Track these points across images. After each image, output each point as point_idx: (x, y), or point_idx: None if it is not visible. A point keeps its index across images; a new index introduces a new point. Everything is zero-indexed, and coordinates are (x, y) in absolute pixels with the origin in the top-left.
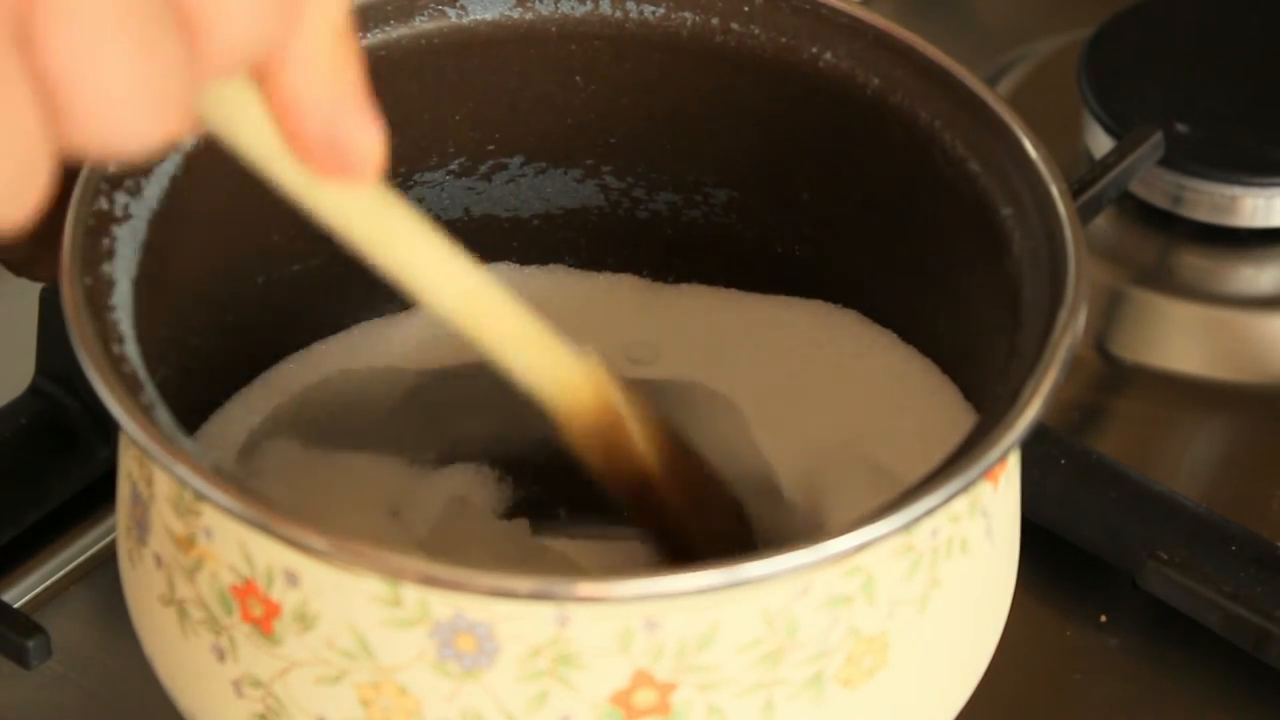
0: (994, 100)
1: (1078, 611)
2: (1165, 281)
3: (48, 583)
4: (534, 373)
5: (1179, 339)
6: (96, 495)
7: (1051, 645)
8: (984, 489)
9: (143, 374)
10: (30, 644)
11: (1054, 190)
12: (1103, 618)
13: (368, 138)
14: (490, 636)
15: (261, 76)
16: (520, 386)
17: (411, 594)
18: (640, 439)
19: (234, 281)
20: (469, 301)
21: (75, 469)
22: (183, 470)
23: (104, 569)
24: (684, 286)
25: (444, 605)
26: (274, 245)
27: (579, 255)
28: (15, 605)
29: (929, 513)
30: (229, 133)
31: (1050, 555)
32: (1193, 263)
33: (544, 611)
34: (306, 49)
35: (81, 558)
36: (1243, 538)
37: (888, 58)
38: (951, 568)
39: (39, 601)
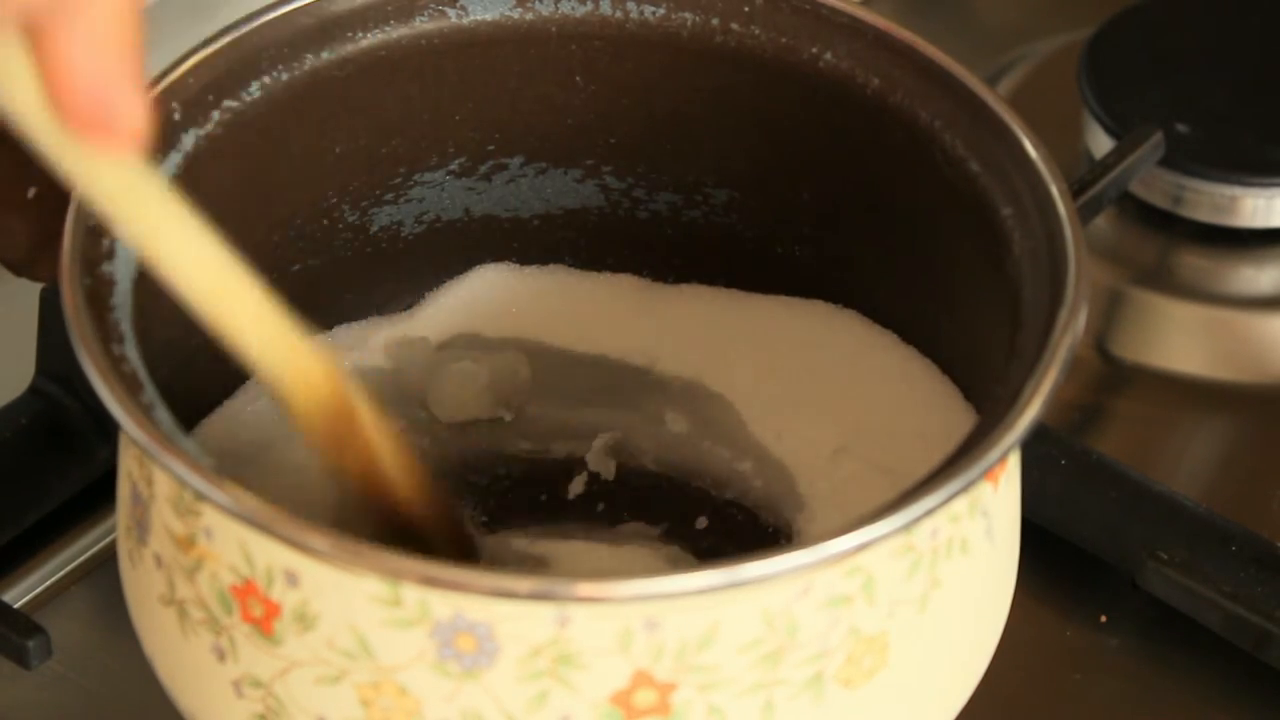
0: (994, 100)
1: (1078, 611)
2: (1165, 282)
3: (48, 583)
4: (271, 361)
5: (1179, 339)
6: (96, 495)
7: (1051, 645)
8: (984, 489)
9: (143, 374)
10: (30, 644)
11: (1054, 190)
12: (1103, 618)
13: (133, 108)
14: (490, 636)
15: (36, 33)
16: (256, 374)
17: (411, 594)
18: (369, 437)
19: None
20: (212, 285)
21: (75, 469)
22: (183, 470)
23: (104, 569)
24: (684, 287)
25: (444, 605)
26: (274, 246)
27: (579, 255)
28: (15, 605)
29: (929, 513)
30: None
31: (1050, 555)
32: (1193, 263)
33: (544, 612)
34: (88, 16)
35: (81, 558)
36: (1243, 538)
37: (888, 58)
38: (952, 568)
39: (39, 601)
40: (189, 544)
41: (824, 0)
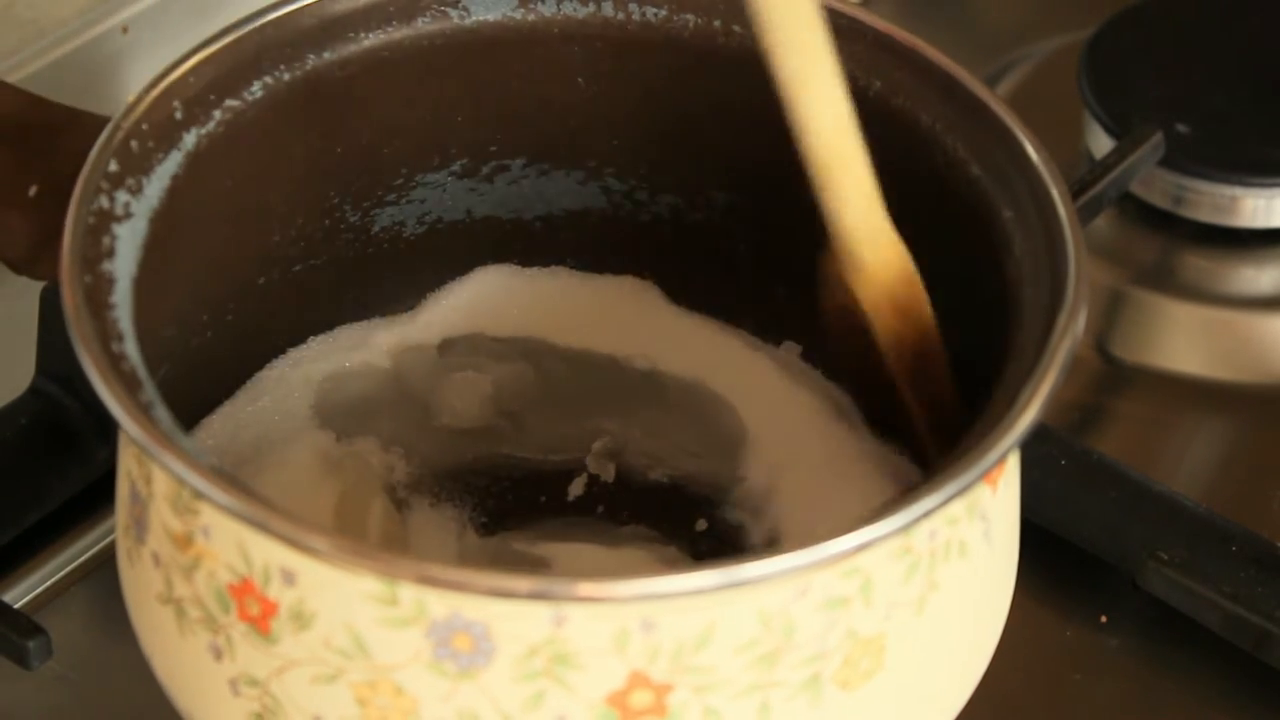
0: (995, 103)
1: (1078, 611)
2: (1166, 282)
3: (48, 583)
4: (855, 219)
5: (1179, 339)
6: (96, 495)
7: (1051, 645)
8: (983, 492)
9: (142, 372)
10: (30, 644)
11: (1054, 193)
12: (1103, 618)
13: None
14: (487, 636)
15: None
16: (831, 225)
17: (408, 593)
18: (921, 306)
19: (235, 281)
20: (834, 137)
21: (75, 469)
22: (181, 468)
23: (104, 569)
24: (686, 288)
25: (440, 605)
26: (275, 245)
27: (581, 257)
28: (15, 605)
29: (926, 515)
30: None
31: (1050, 555)
32: (1193, 263)
33: (540, 612)
34: None
35: (82, 558)
36: (1243, 538)
37: (889, 60)
38: (949, 570)
39: (39, 602)
40: (187, 542)
41: (825, 3)
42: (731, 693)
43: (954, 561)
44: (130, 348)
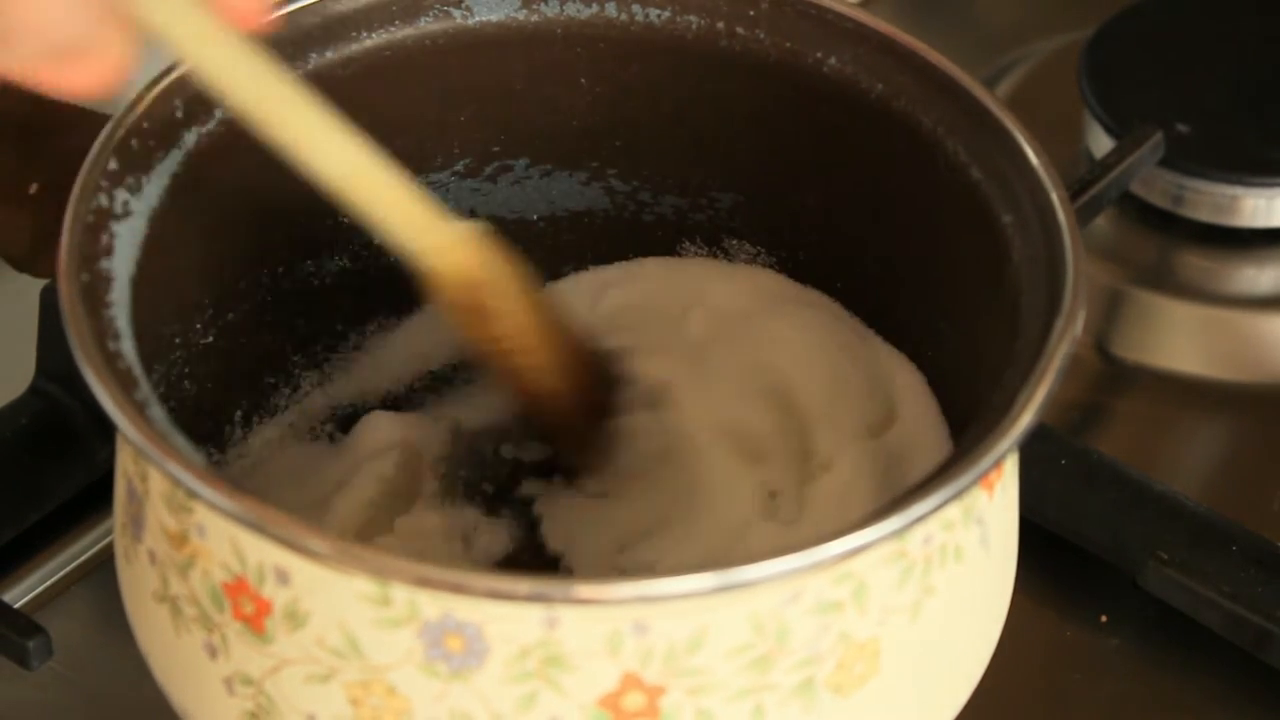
0: (997, 107)
1: (1078, 611)
2: (1165, 282)
3: (48, 583)
4: (407, 234)
5: (1179, 339)
6: (96, 496)
7: (1051, 645)
8: (979, 496)
9: (138, 370)
10: (30, 644)
11: (1054, 198)
12: (1103, 618)
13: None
14: (479, 637)
15: None
16: (395, 248)
17: (401, 594)
18: (507, 306)
19: (236, 280)
20: (350, 167)
21: (75, 469)
22: (174, 468)
23: (104, 569)
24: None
25: (433, 605)
26: (277, 245)
27: (584, 258)
28: (15, 605)
29: (920, 519)
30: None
31: (1050, 555)
32: (1193, 263)
33: (533, 613)
34: None
35: (82, 558)
36: (1243, 538)
37: (891, 63)
38: (945, 575)
39: (39, 602)
40: (182, 541)
41: (828, 5)
42: (724, 696)
43: (950, 566)
44: (127, 346)
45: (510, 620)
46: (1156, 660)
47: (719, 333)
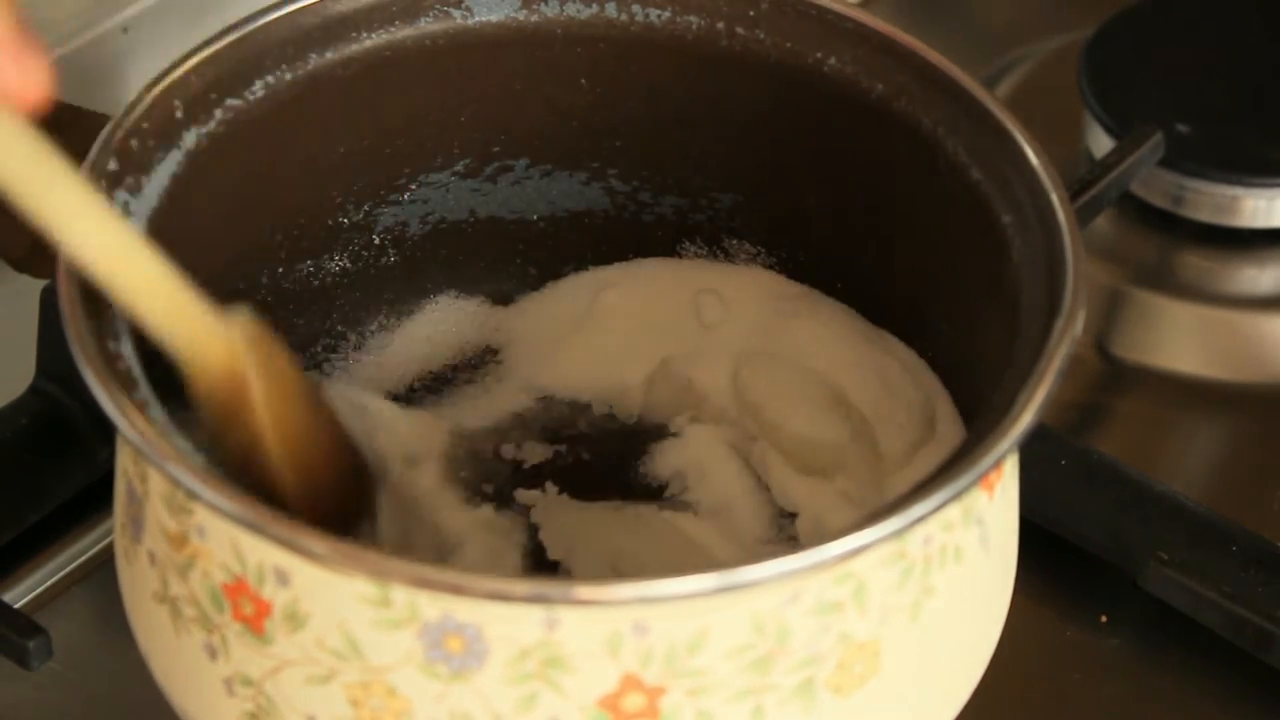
0: (997, 107)
1: (1078, 612)
2: (1166, 282)
3: (48, 583)
4: (166, 327)
5: (1179, 339)
6: (97, 496)
7: (1051, 645)
8: (979, 497)
9: (138, 371)
10: (31, 645)
11: (1054, 198)
12: (1103, 618)
13: (31, 71)
14: (479, 638)
15: None
16: (153, 338)
17: (400, 595)
18: (262, 405)
19: (235, 281)
20: (109, 252)
21: (75, 469)
22: (174, 468)
23: (104, 570)
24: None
25: (432, 606)
26: (277, 245)
27: (584, 258)
28: (16, 606)
29: (920, 520)
30: None
31: (1050, 555)
32: (1193, 263)
33: (533, 614)
34: None
35: (82, 559)
36: (1243, 538)
37: (892, 63)
38: (945, 576)
39: (39, 602)
40: (182, 541)
41: (828, 5)
42: (724, 696)
43: (949, 567)
44: (127, 346)
45: (510, 621)
46: (1156, 660)
47: (745, 338)
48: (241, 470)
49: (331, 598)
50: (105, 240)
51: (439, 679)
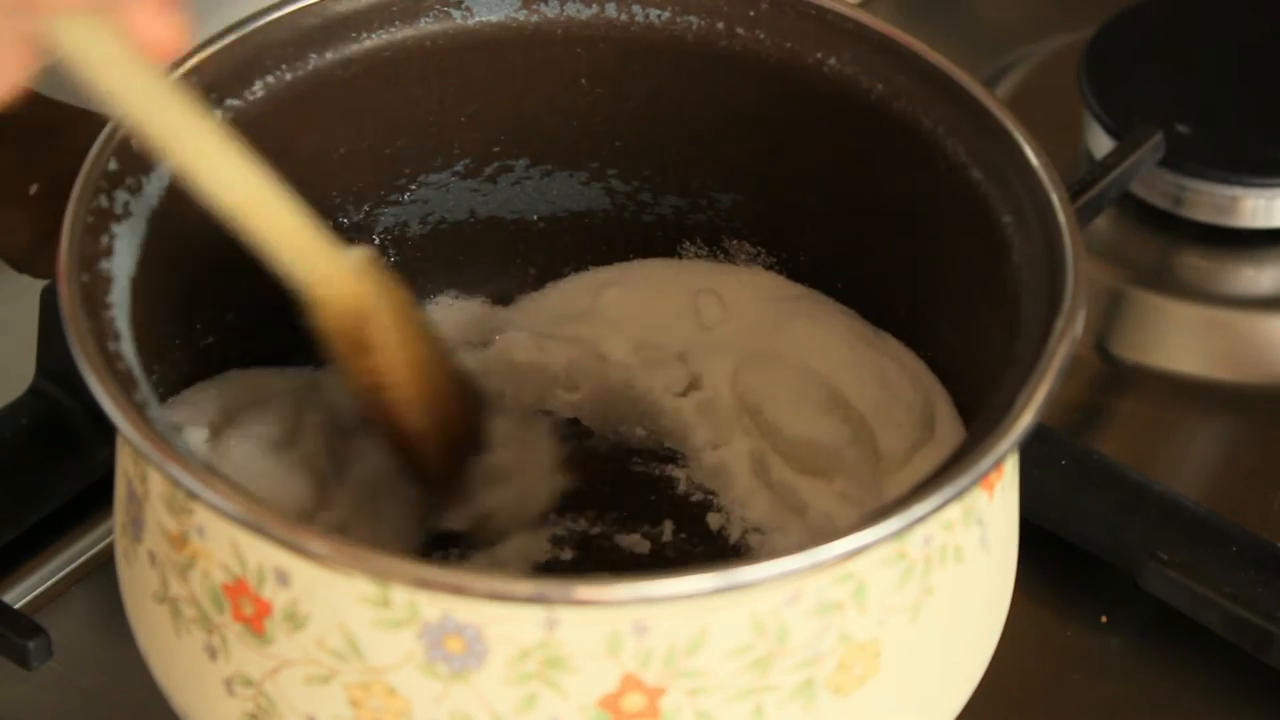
0: (997, 107)
1: (1078, 612)
2: (1166, 282)
3: (48, 583)
4: (296, 262)
5: (1179, 339)
6: (97, 496)
7: (1052, 645)
8: (979, 497)
9: (138, 372)
10: (31, 645)
11: (1054, 198)
12: (1103, 618)
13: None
14: (479, 638)
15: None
16: (282, 274)
17: (400, 595)
18: (386, 337)
19: (236, 281)
20: (244, 193)
21: (75, 469)
22: (174, 469)
23: (104, 570)
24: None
25: (432, 607)
26: None
27: (584, 258)
28: (16, 606)
29: (920, 520)
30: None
31: (1050, 555)
32: (1193, 263)
33: (533, 614)
34: None
35: (82, 559)
36: (1243, 538)
37: (891, 64)
38: (945, 576)
39: (39, 602)
40: (182, 542)
41: (829, 6)
42: (724, 697)
43: (950, 567)
44: (127, 347)
45: (510, 621)
46: (1156, 660)
47: (744, 338)
48: (370, 405)
49: (331, 598)
50: (240, 181)
51: (439, 679)
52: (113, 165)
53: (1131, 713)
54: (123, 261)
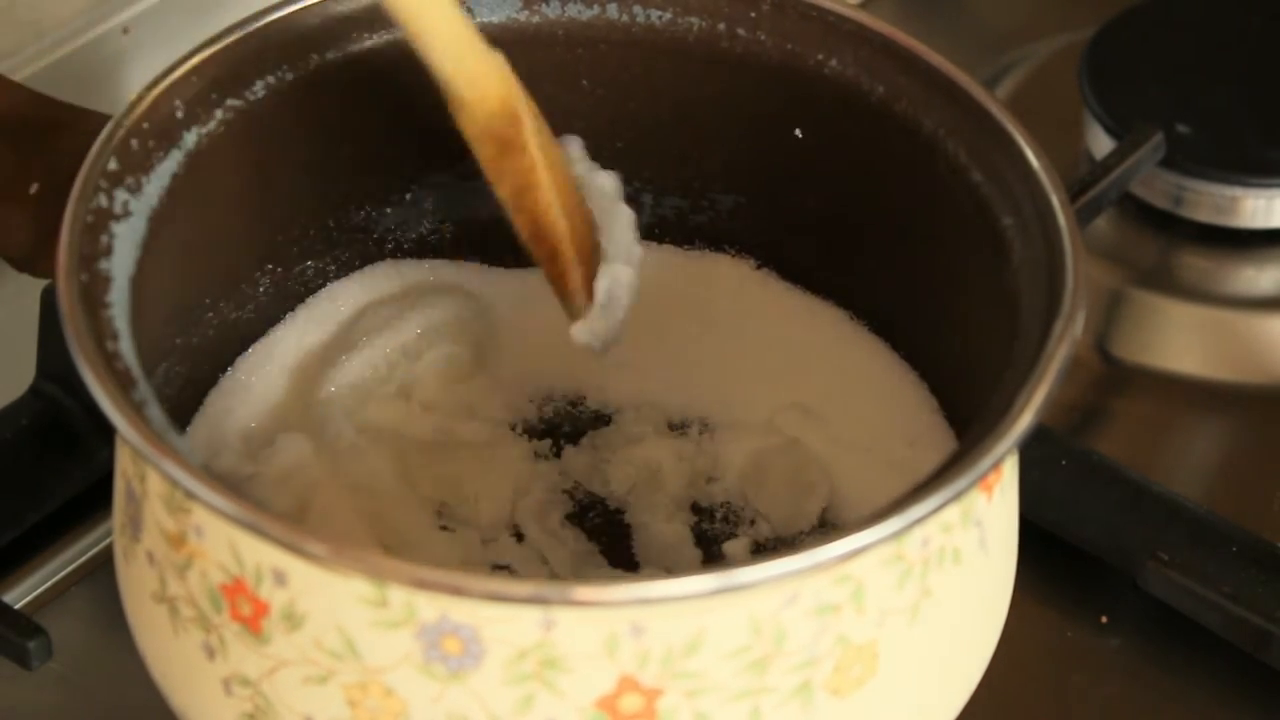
0: (997, 109)
1: (1078, 612)
2: (1166, 282)
3: (48, 583)
4: (451, 62)
5: (1179, 340)
6: (97, 496)
7: (1052, 646)
8: (978, 499)
9: (136, 371)
10: (31, 645)
11: (1055, 201)
12: (1103, 618)
13: None
14: (476, 639)
15: None
16: (432, 68)
17: (398, 595)
18: (532, 140)
19: (236, 281)
20: None
21: (76, 470)
22: (172, 468)
23: (104, 570)
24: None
25: (430, 607)
26: (278, 245)
27: None
28: (16, 606)
29: (918, 521)
30: None
31: (1050, 556)
32: (1193, 264)
33: (530, 615)
34: None
35: (82, 559)
36: (1243, 539)
37: (893, 65)
38: (943, 578)
39: (39, 602)
40: (180, 541)
41: (830, 7)
42: (722, 698)
43: (948, 568)
44: (125, 346)
45: (507, 622)
46: (1156, 660)
47: (741, 340)
48: (518, 207)
49: (329, 598)
50: None
51: (436, 680)
52: (113, 165)
53: (1132, 713)
54: (122, 261)
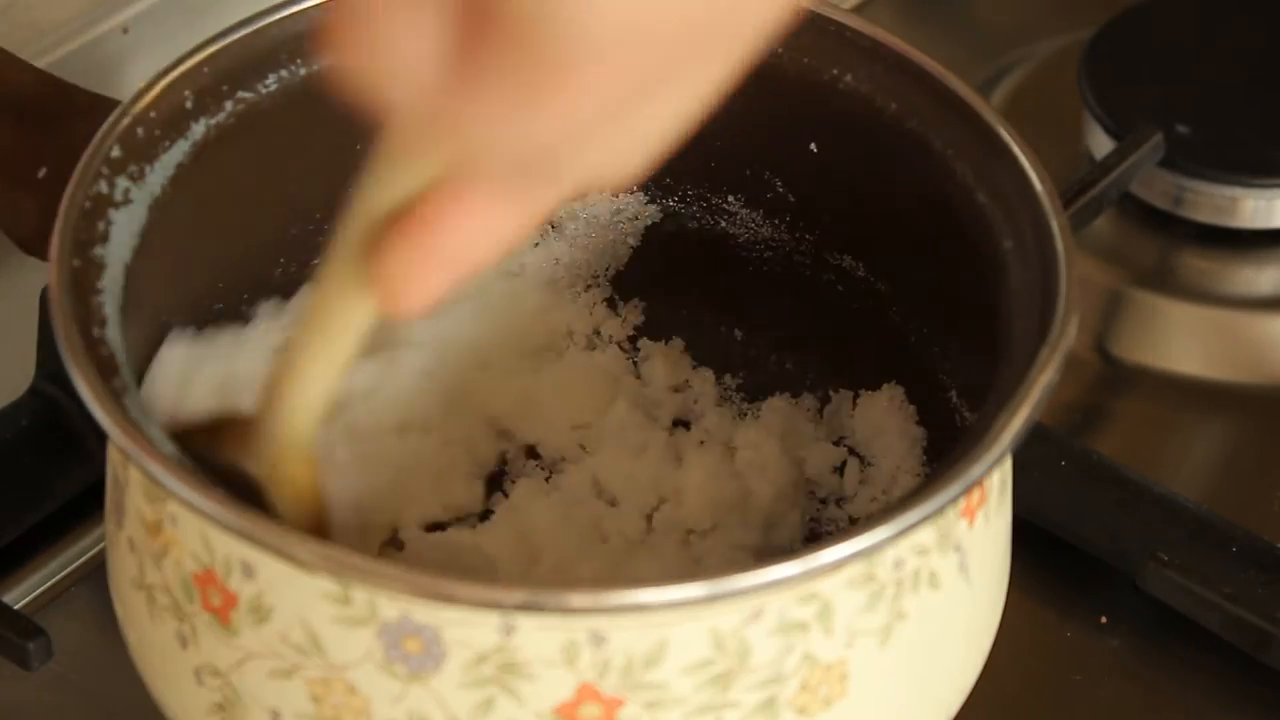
0: (1005, 131)
1: (1078, 612)
2: (1165, 282)
3: (48, 584)
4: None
5: (1179, 340)
6: (97, 496)
7: (1051, 646)
8: (957, 524)
9: (121, 357)
10: (31, 645)
11: (1054, 225)
12: (1103, 619)
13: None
14: (437, 640)
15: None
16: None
17: (360, 593)
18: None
19: (248, 271)
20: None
21: (75, 470)
22: (141, 456)
23: (104, 570)
24: None
25: (391, 606)
26: (291, 239)
27: None
28: (16, 607)
29: (886, 542)
30: None
31: (1050, 556)
32: (1193, 264)
33: (489, 619)
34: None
35: (82, 559)
36: (1243, 539)
37: (906, 83)
38: (918, 601)
39: (39, 603)
40: (156, 529)
41: (848, 22)
42: (684, 711)
43: (924, 592)
44: (113, 333)
45: (467, 625)
46: (1156, 661)
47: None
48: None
49: (294, 593)
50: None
51: (397, 679)
52: (116, 152)
53: (1131, 713)
54: (118, 248)
